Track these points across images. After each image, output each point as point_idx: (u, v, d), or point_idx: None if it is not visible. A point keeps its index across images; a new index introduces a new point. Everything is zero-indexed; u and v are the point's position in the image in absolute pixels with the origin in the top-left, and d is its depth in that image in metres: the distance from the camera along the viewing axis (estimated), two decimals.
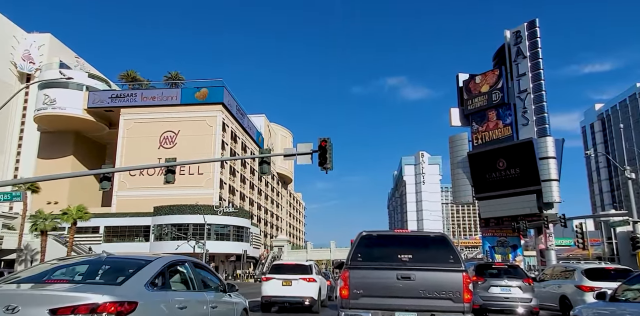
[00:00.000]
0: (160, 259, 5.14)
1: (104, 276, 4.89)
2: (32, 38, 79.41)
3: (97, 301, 3.93)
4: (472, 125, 41.42)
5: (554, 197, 35.26)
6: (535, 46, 38.06)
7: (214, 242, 51.02)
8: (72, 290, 4.19)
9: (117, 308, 3.98)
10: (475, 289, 10.74)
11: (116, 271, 4.89)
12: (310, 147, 17.17)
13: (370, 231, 7.31)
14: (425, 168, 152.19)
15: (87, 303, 3.89)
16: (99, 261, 5.10)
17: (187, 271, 5.62)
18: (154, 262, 4.96)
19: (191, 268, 5.70)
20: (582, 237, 34.31)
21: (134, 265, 4.82)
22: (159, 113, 59.75)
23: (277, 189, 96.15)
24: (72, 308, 3.85)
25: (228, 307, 6.27)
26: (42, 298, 3.99)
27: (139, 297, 4.28)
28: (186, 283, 5.53)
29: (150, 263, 4.90)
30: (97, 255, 5.25)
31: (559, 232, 47.32)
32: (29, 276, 4.84)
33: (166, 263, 5.12)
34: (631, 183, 29.22)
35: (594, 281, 11.02)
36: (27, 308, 3.85)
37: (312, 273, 13.88)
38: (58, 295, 4.03)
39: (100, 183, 17.94)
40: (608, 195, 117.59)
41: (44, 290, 4.22)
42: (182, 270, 5.59)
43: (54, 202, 52.36)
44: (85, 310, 3.86)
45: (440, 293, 6.44)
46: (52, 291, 4.14)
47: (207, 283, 6.04)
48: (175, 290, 5.20)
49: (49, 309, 3.84)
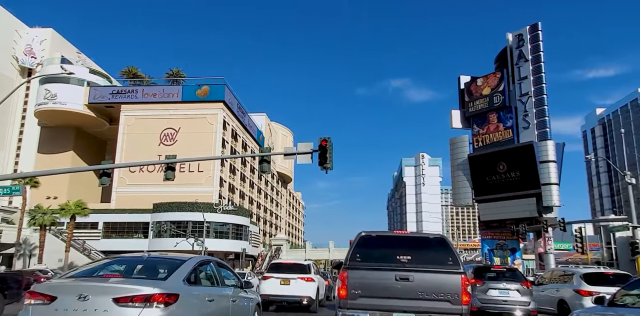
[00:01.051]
0: (191, 259, 5.99)
1: (149, 272, 5.76)
2: (34, 33, 79.31)
3: (150, 292, 4.81)
4: (472, 128, 41.40)
5: (553, 200, 35.24)
6: (538, 49, 38.02)
7: (213, 240, 50.98)
8: (129, 283, 5.07)
9: (164, 298, 4.85)
10: (474, 291, 10.72)
11: (158, 269, 5.80)
12: (310, 147, 17.14)
13: (370, 231, 7.29)
14: (426, 170, 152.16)
15: (142, 294, 4.78)
16: (142, 260, 6.08)
17: (212, 270, 6.51)
18: (187, 262, 5.83)
19: (215, 267, 6.62)
20: (581, 241, 34.31)
21: (172, 264, 5.72)
22: (159, 110, 59.68)
23: (277, 188, 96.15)
24: (130, 297, 4.74)
25: (245, 302, 7.15)
26: (106, 289, 4.88)
27: (180, 290, 5.14)
28: (211, 280, 6.39)
29: (184, 262, 5.77)
30: (140, 255, 6.27)
31: (558, 236, 47.29)
32: (86, 270, 5.72)
33: (197, 262, 6.01)
34: (631, 189, 29.18)
35: (592, 286, 11.01)
36: (95, 297, 4.73)
37: (311, 273, 13.87)
38: (118, 286, 4.93)
39: (100, 179, 17.93)
40: (608, 200, 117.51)
41: (107, 283, 5.10)
42: (208, 269, 6.46)
43: (54, 197, 52.32)
44: (141, 299, 4.74)
45: (439, 295, 6.42)
46: (113, 284, 5.04)
47: (228, 280, 6.94)
48: (204, 286, 6.09)
49: (112, 298, 4.72)
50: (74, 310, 4.70)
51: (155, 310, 4.75)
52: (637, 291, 6.20)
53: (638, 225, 25.92)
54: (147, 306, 4.74)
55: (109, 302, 4.69)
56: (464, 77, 42.88)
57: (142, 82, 64.28)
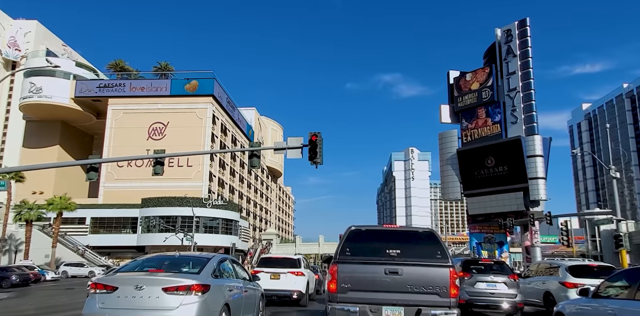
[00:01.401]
0: (214, 257, 7.52)
1: (183, 268, 7.12)
2: (18, 25, 77.65)
3: (189, 283, 6.24)
4: (461, 122, 41.64)
5: (540, 194, 35.71)
6: (526, 45, 38.28)
7: (203, 235, 50.81)
8: (172, 276, 6.50)
9: (201, 288, 6.28)
10: (462, 284, 10.84)
11: (190, 265, 7.21)
12: (300, 141, 17.11)
13: (359, 226, 7.31)
14: (415, 165, 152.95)
15: (185, 285, 6.21)
16: (174, 258, 7.66)
17: (228, 265, 8.01)
18: (212, 259, 7.35)
19: (230, 263, 8.19)
20: (567, 234, 34.85)
21: (200, 261, 7.22)
22: (148, 104, 59.01)
23: (267, 183, 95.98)
24: (176, 287, 6.17)
25: (253, 292, 8.64)
26: (157, 281, 6.29)
27: (210, 282, 6.59)
28: (228, 274, 7.82)
29: (210, 260, 7.27)
30: (173, 254, 7.97)
31: (544, 229, 48.04)
32: (129, 266, 7.28)
33: (218, 259, 7.51)
34: (616, 183, 29.70)
35: (577, 278, 11.20)
36: (149, 287, 6.14)
37: (301, 267, 13.89)
38: (165, 279, 6.37)
39: (87, 174, 17.72)
40: (593, 194, 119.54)
41: (155, 276, 6.48)
42: (226, 264, 7.89)
43: (39, 192, 51.60)
44: (183, 288, 6.18)
45: (427, 288, 6.48)
46: (160, 277, 6.45)
47: (240, 274, 8.47)
48: (225, 278, 7.47)
49: (162, 287, 6.15)
50: (132, 297, 6.09)
51: (194, 296, 6.17)
52: (620, 283, 6.33)
53: (622, 219, 26.45)
54: (188, 293, 6.15)
55: (159, 291, 6.10)
56: (453, 72, 43.03)
57: (130, 75, 63.43)
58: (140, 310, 6.05)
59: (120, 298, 6.11)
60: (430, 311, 6.38)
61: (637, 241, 35.18)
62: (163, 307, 6.06)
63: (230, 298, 7.14)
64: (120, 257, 50.55)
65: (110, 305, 6.13)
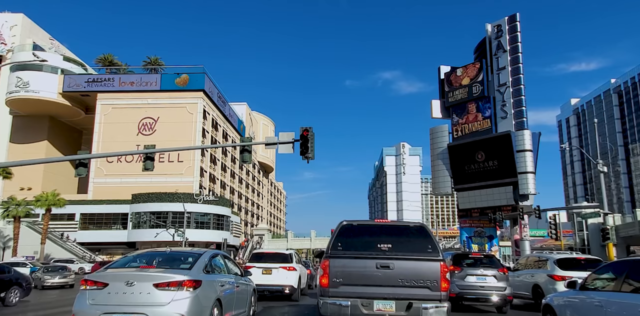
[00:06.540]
0: (206, 253, 7.44)
1: (175, 263, 7.08)
2: (4, 18, 75.95)
3: (181, 279, 6.20)
4: (452, 118, 41.87)
5: (529, 189, 36.12)
6: (515, 40, 38.50)
7: (194, 230, 50.65)
8: (164, 272, 6.43)
9: (192, 284, 6.26)
10: (452, 278, 10.95)
11: (181, 261, 7.16)
12: (292, 136, 17.07)
13: (351, 221, 7.34)
14: (406, 159, 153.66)
15: (176, 280, 6.17)
16: (165, 254, 7.50)
17: (220, 261, 7.98)
18: (203, 255, 7.26)
19: (222, 259, 8.13)
20: (555, 228, 35.36)
21: (192, 256, 7.15)
22: (137, 99, 58.35)
23: (258, 178, 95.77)
24: (167, 283, 6.13)
25: (245, 287, 8.66)
26: (148, 277, 6.23)
27: (201, 277, 6.58)
28: (220, 269, 7.80)
29: (201, 255, 7.20)
30: (164, 250, 7.71)
31: (533, 223, 48.61)
32: (120, 262, 7.21)
33: (210, 255, 7.46)
34: (603, 177, 30.13)
35: (565, 271, 11.39)
36: (140, 283, 6.09)
37: (293, 262, 13.93)
38: (156, 275, 6.30)
39: (76, 170, 17.52)
40: (581, 188, 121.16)
41: (146, 272, 6.45)
42: (218, 260, 7.86)
43: (28, 188, 50.91)
44: (175, 284, 6.15)
45: (418, 282, 6.54)
46: (151, 273, 6.39)
47: (232, 269, 8.41)
48: (216, 274, 7.44)
49: (153, 283, 6.09)
50: (123, 293, 6.05)
51: (185, 292, 6.15)
52: (607, 276, 6.44)
53: (609, 212, 26.87)
54: (180, 289, 6.13)
55: (150, 287, 6.06)
56: (444, 67, 43.17)
57: (119, 70, 62.61)
58: (131, 306, 5.97)
59: (111, 295, 6.05)
60: (421, 305, 6.45)
61: (624, 235, 35.76)
62: (154, 303, 6.00)
63: (222, 294, 7.14)
64: (111, 253, 50.24)
65: (100, 302, 6.06)
